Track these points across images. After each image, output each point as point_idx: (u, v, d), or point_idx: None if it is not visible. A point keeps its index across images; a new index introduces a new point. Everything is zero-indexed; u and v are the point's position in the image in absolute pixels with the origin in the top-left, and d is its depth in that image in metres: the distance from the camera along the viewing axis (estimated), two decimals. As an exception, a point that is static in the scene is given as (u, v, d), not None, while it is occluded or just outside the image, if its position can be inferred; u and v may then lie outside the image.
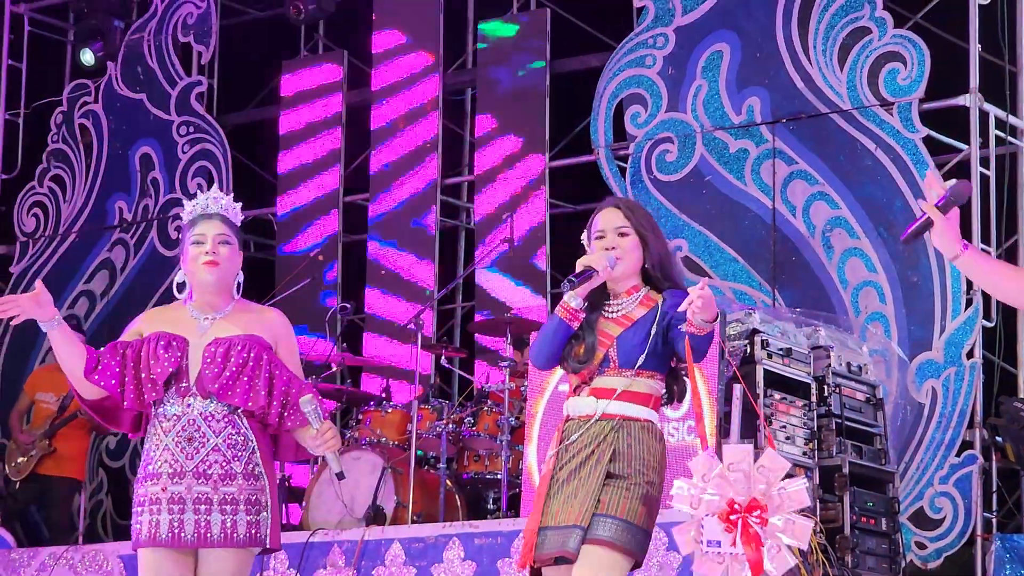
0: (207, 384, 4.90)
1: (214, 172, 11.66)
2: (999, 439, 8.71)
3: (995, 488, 8.87)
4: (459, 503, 8.66)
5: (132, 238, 11.96)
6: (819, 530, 7.14)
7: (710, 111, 9.89)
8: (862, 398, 8.01)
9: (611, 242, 4.82)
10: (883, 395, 8.20)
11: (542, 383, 7.86)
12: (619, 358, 4.75)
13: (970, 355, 8.86)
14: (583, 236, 4.91)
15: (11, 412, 10.56)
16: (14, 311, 4.85)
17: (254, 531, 4.90)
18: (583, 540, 4.61)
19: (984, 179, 9.18)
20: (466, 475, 8.80)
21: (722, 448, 4.51)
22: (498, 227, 10.49)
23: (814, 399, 7.77)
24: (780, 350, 7.66)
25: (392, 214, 11.20)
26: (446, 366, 10.94)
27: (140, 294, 11.64)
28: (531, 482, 7.83)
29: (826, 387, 7.81)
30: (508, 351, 8.80)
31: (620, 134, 10.20)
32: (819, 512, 7.48)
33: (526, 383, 8.26)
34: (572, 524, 4.64)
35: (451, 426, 8.72)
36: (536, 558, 4.72)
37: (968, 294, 8.86)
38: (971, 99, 9.14)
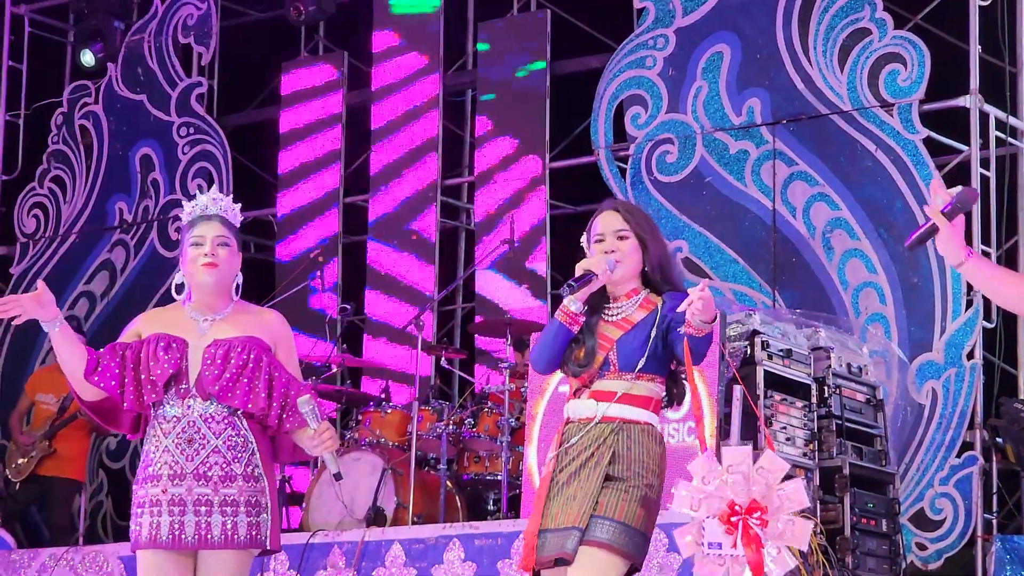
0: (207, 386, 4.89)
1: (214, 173, 11.65)
2: (999, 440, 8.70)
3: (995, 489, 8.87)
4: (459, 504, 8.66)
5: (132, 239, 11.95)
6: (819, 531, 7.14)
7: (710, 112, 9.88)
8: (862, 399, 8.01)
9: (610, 245, 4.81)
10: (883, 396, 8.20)
11: (542, 384, 7.86)
12: (619, 361, 4.74)
13: (970, 356, 8.86)
14: (582, 239, 4.91)
15: (11, 413, 10.56)
16: (16, 311, 4.84)
17: (254, 532, 4.89)
18: (580, 541, 4.61)
19: (984, 180, 9.18)
20: (466, 476, 8.79)
21: (721, 450, 4.51)
22: (498, 227, 10.48)
23: (814, 400, 7.77)
24: (780, 351, 7.66)
25: (392, 215, 11.19)
26: (446, 367, 10.93)
27: (140, 295, 11.64)
28: (531, 483, 7.83)
29: (826, 388, 7.80)
30: (508, 352, 8.79)
31: (620, 135, 10.20)
32: (819, 513, 7.47)
33: (526, 384, 8.25)
34: (570, 526, 4.64)
35: (451, 427, 8.72)
36: (537, 561, 4.71)
37: (968, 295, 8.86)
38: (971, 100, 9.14)
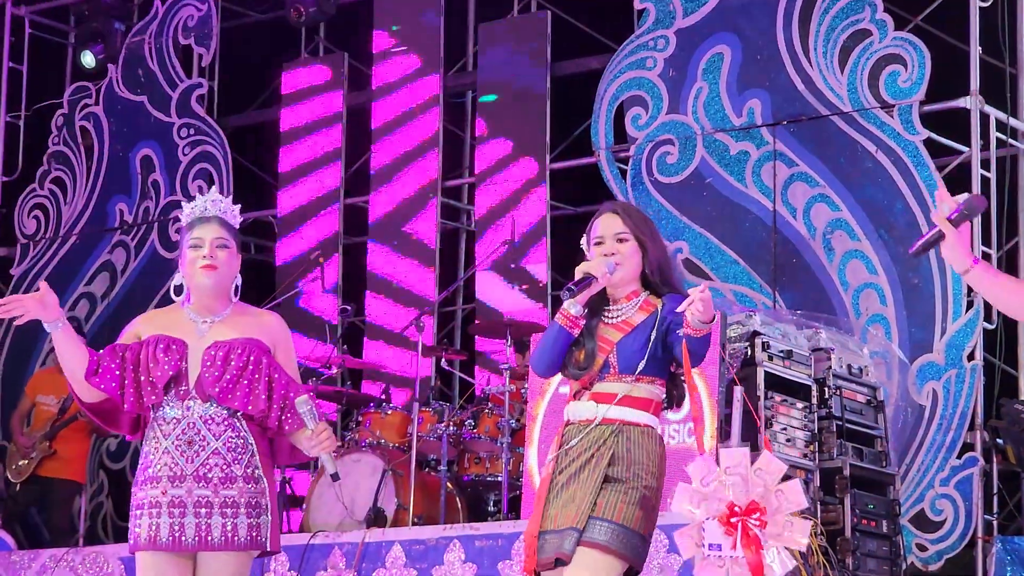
0: (207, 387, 4.89)
1: (214, 174, 11.65)
2: (1000, 441, 8.70)
3: (996, 490, 8.87)
4: (460, 505, 8.65)
5: (133, 240, 11.95)
6: (820, 532, 7.13)
7: (711, 113, 9.88)
8: (863, 400, 8.00)
9: (610, 248, 4.81)
10: (884, 397, 8.20)
11: (543, 386, 7.85)
12: (619, 363, 4.74)
13: (971, 357, 8.86)
14: (582, 241, 4.91)
15: (12, 414, 10.56)
16: (18, 311, 4.84)
17: (255, 534, 4.89)
18: (578, 542, 4.60)
19: (984, 181, 9.17)
20: (467, 477, 8.79)
21: (719, 451, 4.51)
22: (499, 228, 10.47)
23: (815, 401, 7.76)
24: (781, 352, 7.65)
25: (392, 215, 11.18)
26: (446, 368, 10.93)
27: (141, 296, 11.63)
28: (532, 485, 7.82)
29: (827, 389, 7.80)
30: (509, 353, 8.79)
31: (621, 136, 10.20)
32: (820, 514, 7.47)
33: (526, 386, 8.25)
34: (568, 527, 4.63)
35: (452, 428, 8.72)
36: (537, 562, 4.71)
37: (969, 296, 8.86)
38: (972, 101, 9.14)
